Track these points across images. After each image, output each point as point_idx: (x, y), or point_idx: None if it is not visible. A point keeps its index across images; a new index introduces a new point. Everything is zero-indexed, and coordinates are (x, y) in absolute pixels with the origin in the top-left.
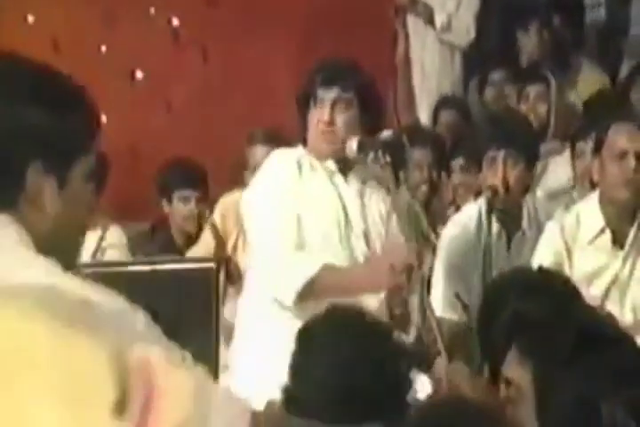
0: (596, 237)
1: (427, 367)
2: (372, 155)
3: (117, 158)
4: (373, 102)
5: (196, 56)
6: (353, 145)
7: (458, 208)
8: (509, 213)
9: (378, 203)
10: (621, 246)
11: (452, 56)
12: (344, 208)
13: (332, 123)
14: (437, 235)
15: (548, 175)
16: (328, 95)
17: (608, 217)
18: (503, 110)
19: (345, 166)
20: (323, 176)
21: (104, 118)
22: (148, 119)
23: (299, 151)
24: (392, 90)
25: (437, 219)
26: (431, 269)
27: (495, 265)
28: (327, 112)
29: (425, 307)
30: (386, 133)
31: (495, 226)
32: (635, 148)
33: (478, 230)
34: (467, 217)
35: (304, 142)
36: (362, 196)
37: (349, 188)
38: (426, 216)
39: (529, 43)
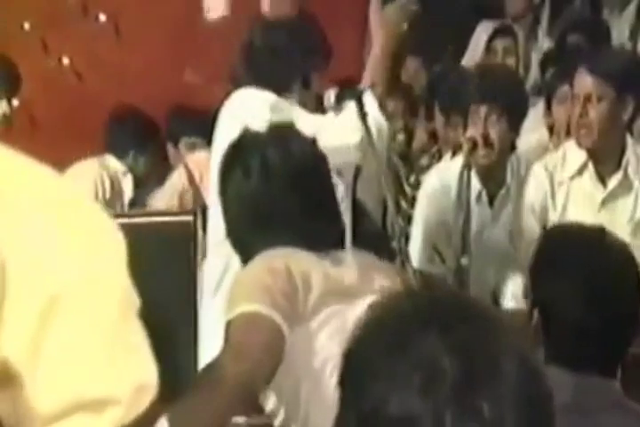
0: (579, 171)
1: None
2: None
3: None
4: None
5: None
6: (331, 96)
7: (434, 157)
8: (493, 170)
9: None
10: (604, 184)
11: None
12: None
13: None
14: (411, 184)
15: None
16: None
17: (589, 153)
18: (493, 64)
19: None
20: None
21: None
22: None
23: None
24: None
25: (412, 168)
26: (409, 219)
27: (478, 223)
28: None
29: (403, 258)
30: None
31: (475, 183)
32: (582, 91)
33: (459, 186)
34: (448, 171)
35: None
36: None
37: None
38: (403, 166)
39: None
